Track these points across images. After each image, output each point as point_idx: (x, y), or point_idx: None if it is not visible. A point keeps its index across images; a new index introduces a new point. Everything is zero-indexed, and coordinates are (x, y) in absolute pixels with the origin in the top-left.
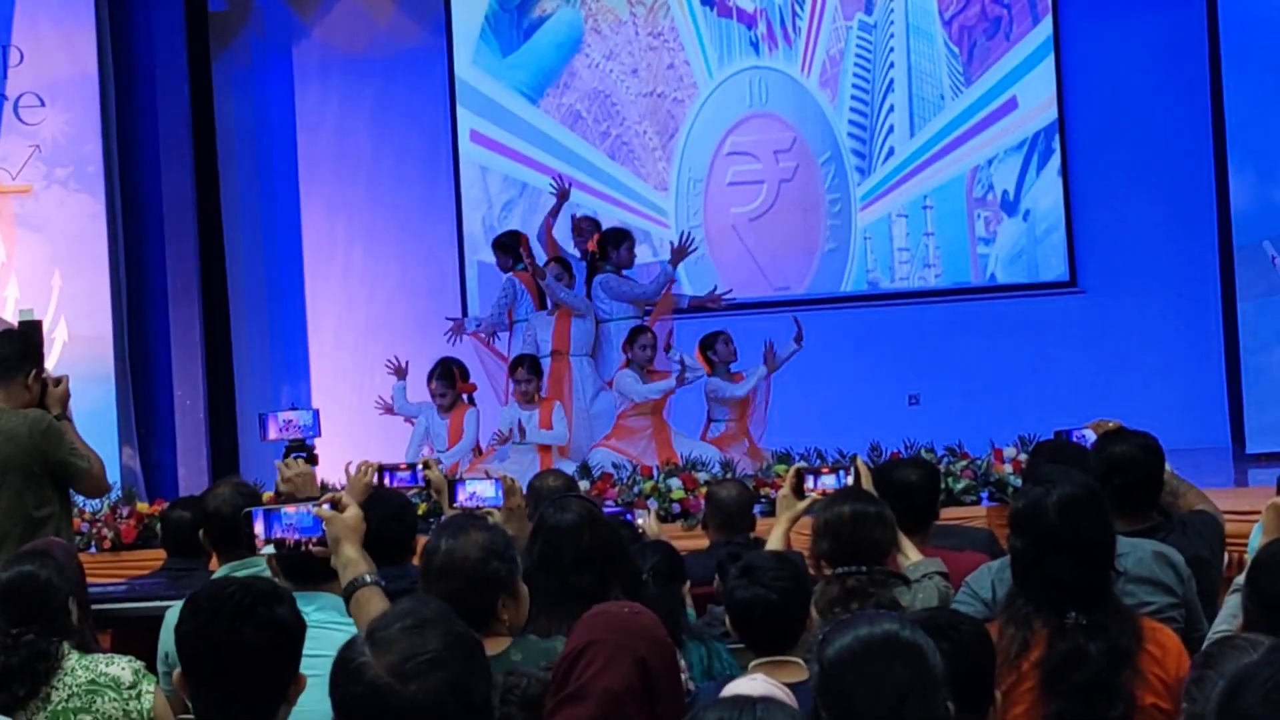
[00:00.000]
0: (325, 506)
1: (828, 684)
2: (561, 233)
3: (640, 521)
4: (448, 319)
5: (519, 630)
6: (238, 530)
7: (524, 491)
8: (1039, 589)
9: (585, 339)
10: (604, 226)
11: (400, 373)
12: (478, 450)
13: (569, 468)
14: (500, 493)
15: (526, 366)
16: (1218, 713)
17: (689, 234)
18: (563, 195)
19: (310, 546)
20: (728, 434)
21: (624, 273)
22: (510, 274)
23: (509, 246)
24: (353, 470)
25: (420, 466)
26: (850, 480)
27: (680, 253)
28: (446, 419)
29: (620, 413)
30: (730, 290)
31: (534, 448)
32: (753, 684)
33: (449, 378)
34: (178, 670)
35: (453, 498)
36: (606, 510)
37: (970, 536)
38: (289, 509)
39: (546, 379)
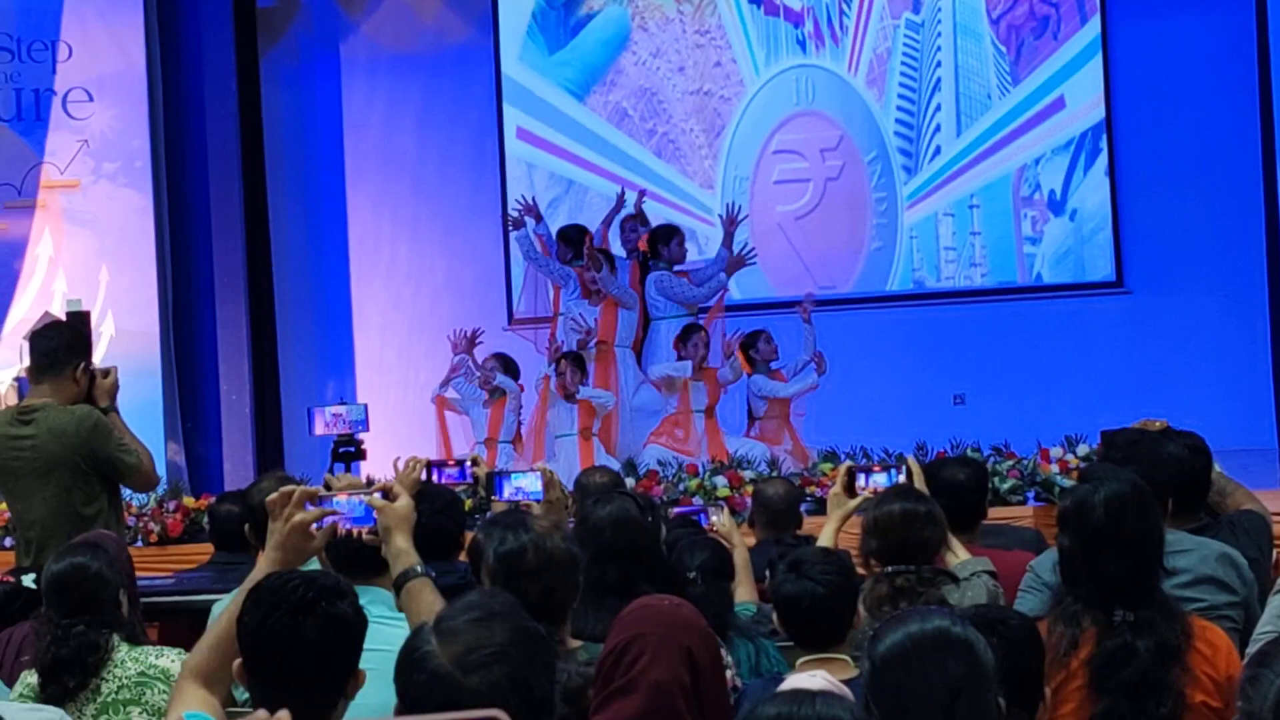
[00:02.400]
0: (377, 495)
1: (879, 680)
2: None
3: (714, 519)
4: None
5: None
6: None
7: (566, 487)
8: (1087, 586)
9: (629, 331)
10: (651, 225)
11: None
12: (519, 442)
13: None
14: (542, 486)
15: (571, 360)
16: (1275, 711)
17: (738, 209)
18: (620, 206)
19: (362, 535)
20: (769, 431)
21: (676, 269)
22: (567, 266)
23: (573, 240)
24: (401, 466)
25: (469, 463)
26: (901, 478)
27: (737, 264)
28: (488, 409)
29: (672, 411)
30: (753, 249)
31: (576, 445)
32: (812, 680)
33: (503, 359)
34: (238, 661)
35: (498, 492)
36: (684, 511)
37: (1017, 536)
38: (340, 497)
39: (593, 368)
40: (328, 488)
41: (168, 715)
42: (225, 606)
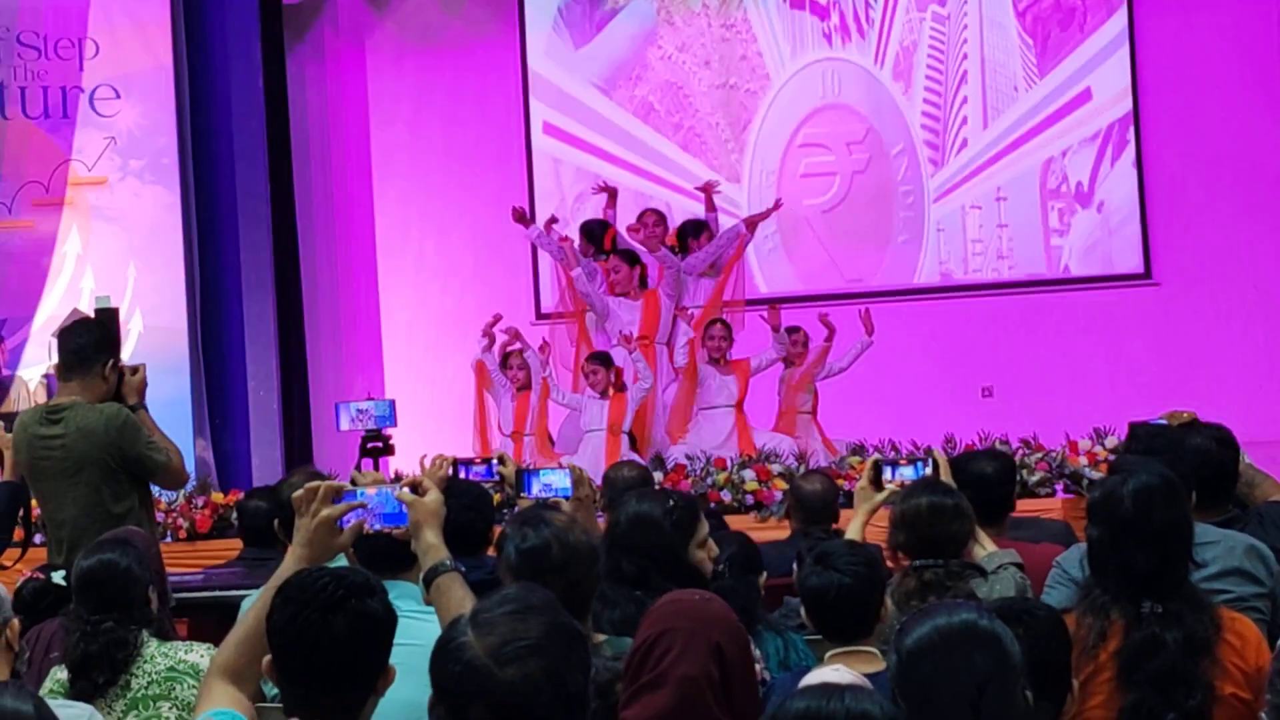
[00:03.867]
0: (406, 490)
1: (906, 674)
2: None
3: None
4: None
5: None
6: None
7: (595, 483)
8: (1114, 578)
9: (665, 327)
10: (675, 218)
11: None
12: (549, 440)
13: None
14: (571, 483)
15: (596, 361)
16: None
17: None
18: (606, 191)
19: (391, 534)
20: (797, 425)
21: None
22: (592, 259)
23: (596, 235)
24: (428, 463)
25: (495, 461)
26: (928, 471)
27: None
28: (515, 402)
29: (702, 407)
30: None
31: (603, 439)
32: (835, 674)
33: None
34: (267, 658)
35: (526, 488)
36: None
37: (1046, 528)
38: (370, 491)
39: (622, 339)
40: (354, 484)
41: (196, 712)
42: (253, 602)
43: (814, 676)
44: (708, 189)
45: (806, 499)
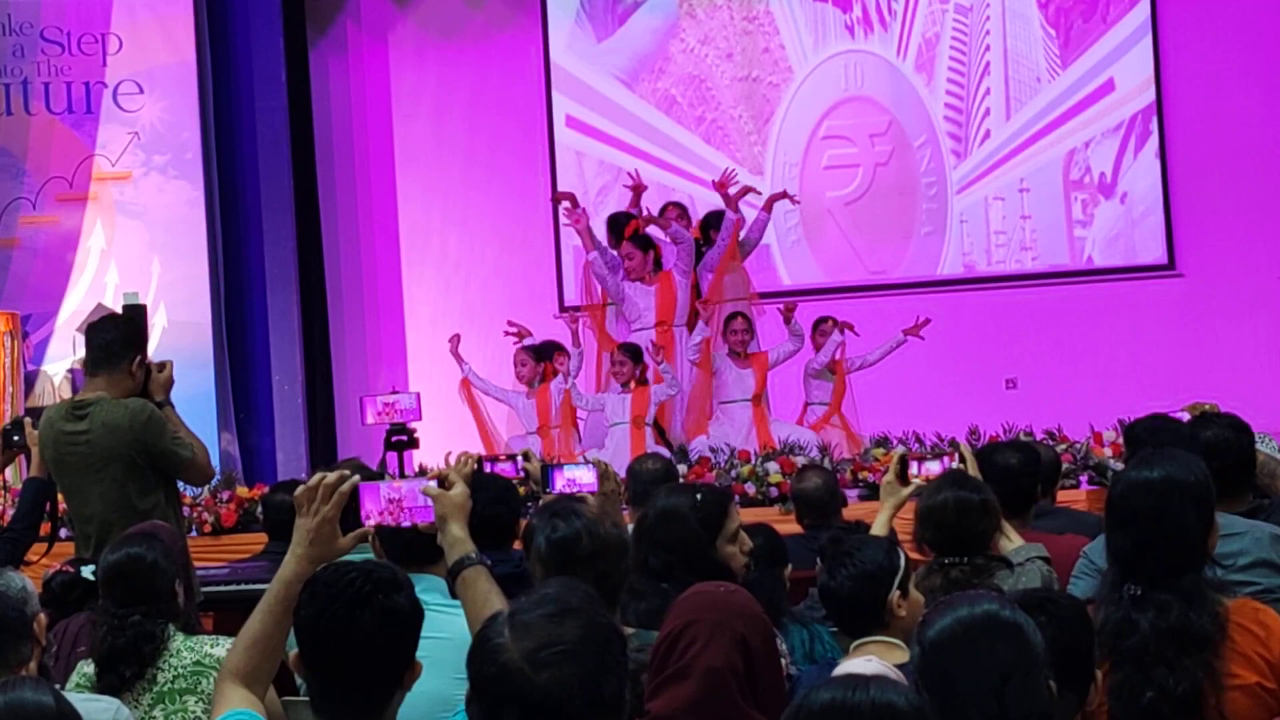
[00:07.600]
0: (432, 484)
1: (929, 665)
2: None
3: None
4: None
5: None
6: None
7: (620, 476)
8: (1109, 562)
9: (684, 311)
10: (698, 210)
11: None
12: (575, 430)
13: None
14: (596, 477)
15: (625, 352)
16: None
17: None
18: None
19: (417, 527)
20: (824, 417)
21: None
22: (616, 252)
23: (619, 225)
24: (453, 460)
25: (520, 458)
26: (955, 464)
27: (727, 196)
28: (534, 399)
29: (720, 401)
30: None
31: (628, 432)
32: (866, 665)
33: (535, 351)
34: (294, 652)
35: (550, 483)
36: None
37: (1078, 520)
38: (395, 484)
39: (652, 349)
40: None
41: (214, 715)
42: (258, 605)
43: (844, 667)
44: (722, 186)
45: (807, 496)
